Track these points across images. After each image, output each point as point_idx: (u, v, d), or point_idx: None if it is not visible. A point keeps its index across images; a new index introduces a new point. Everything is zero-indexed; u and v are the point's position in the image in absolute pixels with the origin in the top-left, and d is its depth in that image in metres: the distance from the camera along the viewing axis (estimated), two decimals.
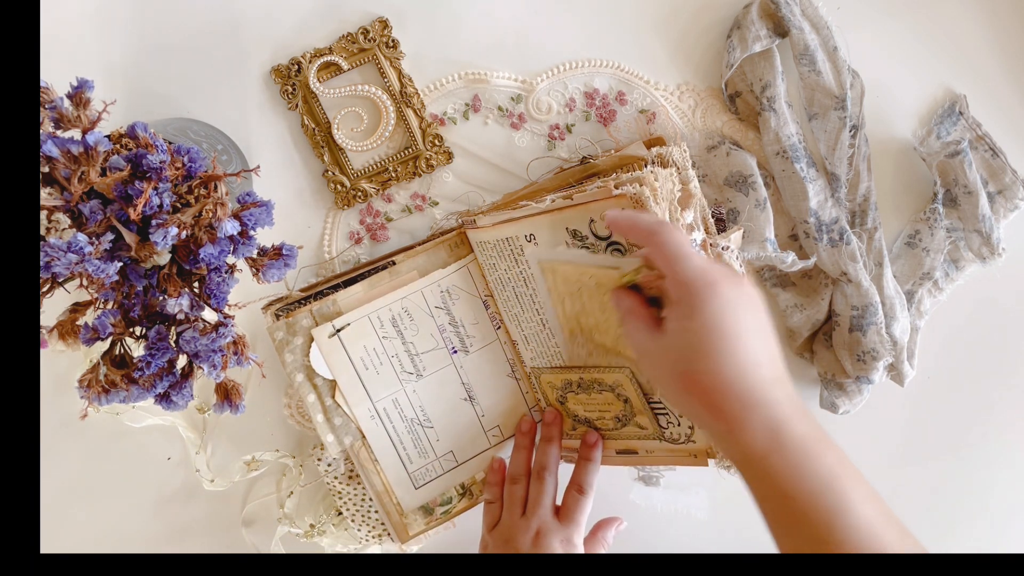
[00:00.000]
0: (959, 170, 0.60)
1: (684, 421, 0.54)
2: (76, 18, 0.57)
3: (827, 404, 0.63)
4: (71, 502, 0.64)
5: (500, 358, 0.61)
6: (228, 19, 0.58)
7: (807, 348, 0.64)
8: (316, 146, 0.59)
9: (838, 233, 0.59)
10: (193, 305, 0.42)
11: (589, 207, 0.51)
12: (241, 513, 0.65)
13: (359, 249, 0.62)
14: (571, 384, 0.58)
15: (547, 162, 0.61)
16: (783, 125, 0.58)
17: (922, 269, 0.62)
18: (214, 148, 0.55)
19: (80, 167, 0.39)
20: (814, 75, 0.58)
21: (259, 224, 0.43)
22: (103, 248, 0.39)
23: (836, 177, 0.59)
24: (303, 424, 0.63)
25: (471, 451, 0.61)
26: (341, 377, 0.57)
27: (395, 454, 0.59)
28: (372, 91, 0.58)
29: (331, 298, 0.56)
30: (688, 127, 0.61)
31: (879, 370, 0.60)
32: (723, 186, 0.60)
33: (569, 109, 0.60)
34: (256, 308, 0.57)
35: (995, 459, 0.68)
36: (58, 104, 0.41)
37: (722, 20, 0.59)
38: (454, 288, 0.59)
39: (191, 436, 0.63)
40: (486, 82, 0.59)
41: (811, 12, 0.57)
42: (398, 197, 0.61)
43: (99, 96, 0.43)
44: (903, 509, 0.69)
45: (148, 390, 0.43)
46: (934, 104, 0.62)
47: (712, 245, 0.55)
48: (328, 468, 0.62)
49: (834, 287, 0.61)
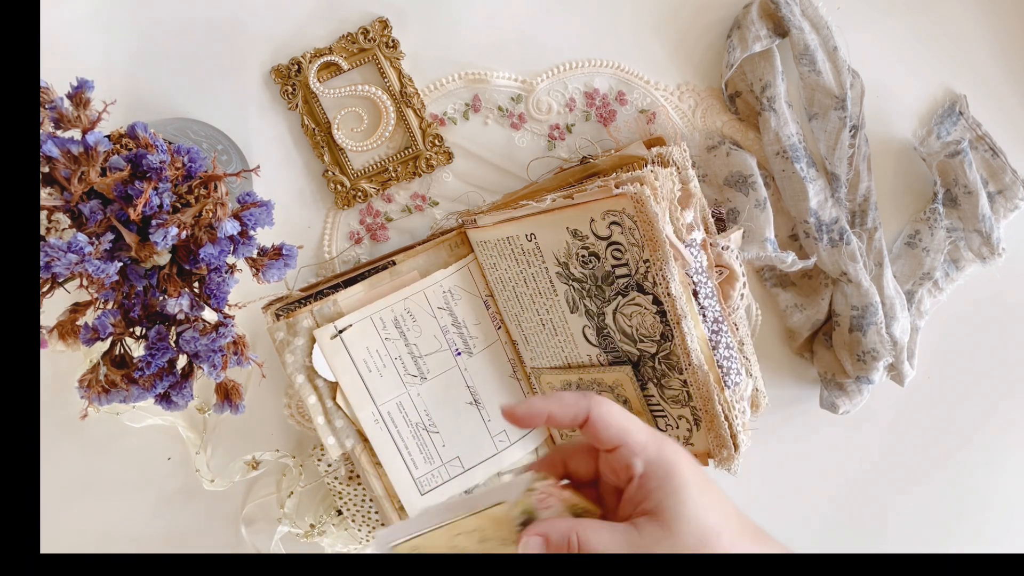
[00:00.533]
0: (959, 170, 0.60)
1: (683, 424, 0.54)
2: (76, 18, 0.57)
3: (827, 404, 0.63)
4: (71, 502, 0.64)
5: (502, 359, 0.61)
6: (228, 19, 0.58)
7: (807, 348, 0.64)
8: (316, 146, 0.59)
9: (838, 233, 0.59)
10: (193, 305, 0.42)
11: (589, 207, 0.51)
12: (241, 513, 0.65)
13: (359, 249, 0.62)
14: (571, 385, 0.58)
15: (547, 162, 0.61)
16: (783, 125, 0.58)
17: (922, 269, 0.62)
18: (214, 148, 0.55)
19: (80, 167, 0.39)
20: (814, 75, 0.58)
21: (259, 224, 0.43)
22: (103, 248, 0.39)
23: (836, 177, 0.59)
24: (303, 424, 0.63)
25: (477, 457, 0.61)
26: (344, 379, 0.57)
27: (400, 459, 0.59)
28: (372, 91, 0.58)
29: (332, 298, 0.56)
30: (688, 127, 0.61)
31: (879, 370, 0.60)
32: (723, 186, 0.60)
33: (569, 109, 0.60)
34: (256, 308, 0.57)
35: (995, 459, 0.68)
36: (58, 104, 0.41)
37: (722, 20, 0.59)
38: (456, 288, 0.59)
39: (191, 436, 0.63)
40: (486, 82, 0.59)
41: (811, 12, 0.57)
42: (398, 197, 0.61)
43: (99, 96, 0.43)
44: (903, 509, 0.69)
45: (148, 390, 0.43)
46: (934, 104, 0.62)
47: (712, 245, 0.55)
48: (328, 469, 0.61)
49: (834, 287, 0.61)
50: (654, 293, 0.51)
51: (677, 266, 0.50)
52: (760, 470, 0.65)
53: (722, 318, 0.54)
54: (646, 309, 0.52)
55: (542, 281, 0.56)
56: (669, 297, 0.50)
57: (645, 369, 0.54)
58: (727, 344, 0.53)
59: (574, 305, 0.55)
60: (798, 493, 0.68)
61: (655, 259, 0.50)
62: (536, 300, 0.57)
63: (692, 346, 0.51)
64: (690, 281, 0.52)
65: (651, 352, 0.53)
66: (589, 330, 0.55)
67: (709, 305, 0.53)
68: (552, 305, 0.56)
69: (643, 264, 0.51)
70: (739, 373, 0.54)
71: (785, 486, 0.68)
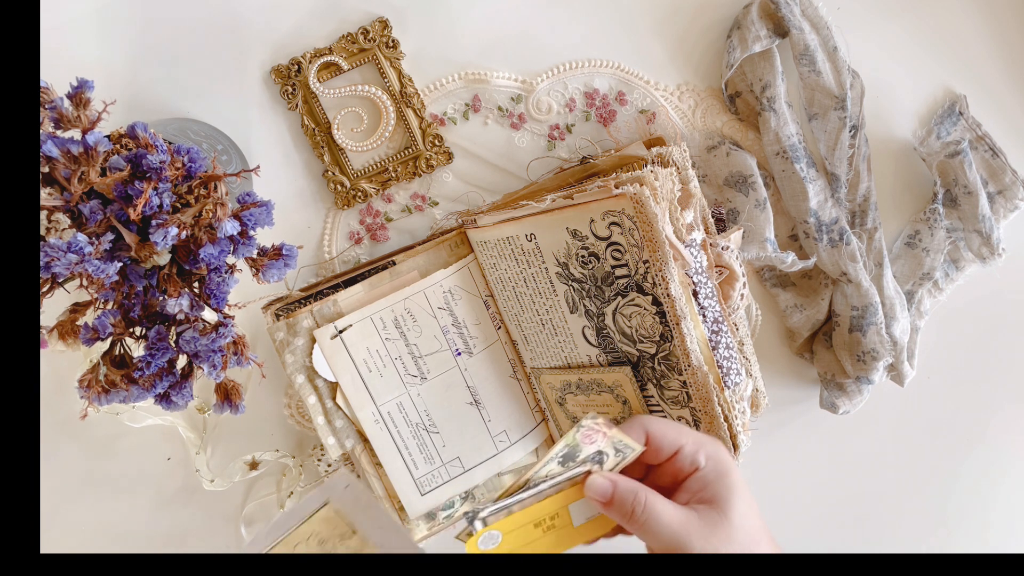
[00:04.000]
0: (959, 170, 0.60)
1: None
2: (76, 18, 0.57)
3: (827, 404, 0.63)
4: (71, 502, 0.64)
5: (502, 359, 0.61)
6: (228, 19, 0.58)
7: (807, 348, 0.64)
8: (316, 146, 0.59)
9: (838, 233, 0.59)
10: (193, 305, 0.42)
11: (589, 207, 0.51)
12: (241, 513, 0.65)
13: (359, 249, 0.62)
14: (570, 385, 0.58)
15: (547, 162, 0.61)
16: (783, 125, 0.58)
17: (922, 269, 0.62)
18: (214, 148, 0.55)
19: (80, 167, 0.39)
20: (814, 75, 0.58)
21: (259, 224, 0.43)
22: (103, 248, 0.39)
23: (836, 177, 0.59)
24: (303, 424, 0.63)
25: (477, 458, 0.61)
26: (344, 379, 0.57)
27: (400, 459, 0.59)
28: (372, 91, 0.58)
29: (332, 298, 0.56)
30: (688, 127, 0.61)
31: (879, 370, 0.60)
32: (723, 186, 0.60)
33: (569, 109, 0.60)
34: (256, 308, 0.57)
35: (996, 459, 0.68)
36: (58, 104, 0.41)
37: (722, 20, 0.59)
38: (456, 288, 0.58)
39: (191, 436, 0.63)
40: (486, 82, 0.59)
41: (811, 12, 0.57)
42: (398, 197, 0.61)
43: (99, 96, 0.43)
44: (903, 509, 0.69)
45: (148, 390, 0.43)
46: (934, 104, 0.62)
47: (712, 245, 0.55)
48: (328, 469, 0.61)
49: (834, 287, 0.61)
50: (654, 294, 0.51)
51: (677, 266, 0.50)
52: (760, 470, 0.65)
53: (722, 318, 0.54)
54: (646, 310, 0.52)
55: (542, 281, 0.56)
56: (669, 298, 0.50)
57: (645, 370, 0.54)
58: (727, 344, 0.53)
59: (574, 305, 0.55)
60: (798, 493, 0.68)
61: (655, 260, 0.50)
62: (536, 300, 0.57)
63: (692, 347, 0.51)
64: (690, 281, 0.52)
65: (651, 353, 0.53)
66: (589, 330, 0.55)
67: (709, 305, 0.53)
68: (552, 305, 0.56)
69: (643, 265, 0.51)
70: (739, 373, 0.54)
71: (785, 486, 0.68)
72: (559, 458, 0.44)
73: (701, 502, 0.43)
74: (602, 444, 0.44)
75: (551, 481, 0.44)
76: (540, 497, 0.44)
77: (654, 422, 0.45)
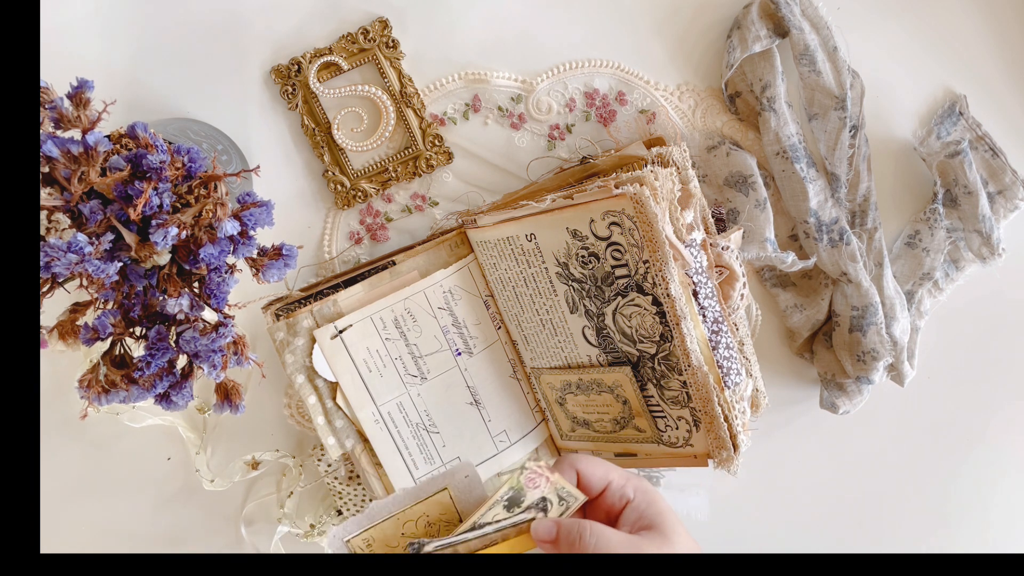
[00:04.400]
0: (959, 170, 0.60)
1: (682, 425, 0.54)
2: (76, 18, 0.57)
3: (827, 404, 0.63)
4: (71, 502, 0.64)
5: (502, 359, 0.61)
6: (228, 19, 0.58)
7: (807, 348, 0.64)
8: (316, 146, 0.59)
9: (838, 233, 0.59)
10: (193, 305, 0.42)
11: (589, 207, 0.51)
12: (241, 513, 0.65)
13: (359, 249, 0.62)
14: (570, 385, 0.58)
15: (547, 162, 0.61)
16: (783, 125, 0.58)
17: (922, 269, 0.62)
18: (214, 148, 0.55)
19: (80, 167, 0.39)
20: (814, 75, 0.58)
21: (259, 224, 0.43)
22: (103, 248, 0.39)
23: (836, 177, 0.59)
24: (303, 424, 0.63)
25: (477, 457, 0.60)
26: (344, 379, 0.57)
27: (400, 459, 0.59)
28: (372, 91, 0.58)
29: (332, 298, 0.56)
30: (688, 127, 0.61)
31: (879, 370, 0.60)
32: (723, 186, 0.60)
33: (569, 109, 0.60)
34: (256, 308, 0.57)
35: (996, 459, 0.68)
36: (58, 104, 0.41)
37: (722, 20, 0.59)
38: (456, 288, 0.58)
39: (191, 436, 0.63)
40: (486, 82, 0.59)
41: (811, 12, 0.57)
42: (398, 197, 0.61)
43: (99, 96, 0.43)
44: (903, 509, 0.69)
45: (148, 390, 0.43)
46: (934, 104, 0.62)
47: (712, 245, 0.55)
48: (328, 469, 0.62)
49: (834, 287, 0.61)
50: (654, 294, 0.51)
51: (677, 266, 0.50)
52: (760, 470, 0.65)
53: (722, 318, 0.54)
54: (646, 310, 0.52)
55: (542, 281, 0.56)
56: (669, 298, 0.50)
57: (645, 370, 0.54)
58: (727, 344, 0.53)
59: (574, 305, 0.55)
60: (798, 493, 0.68)
61: (655, 260, 0.50)
62: (536, 300, 0.57)
63: (692, 347, 0.51)
64: (690, 281, 0.52)
65: (651, 353, 0.53)
66: (589, 330, 0.55)
67: (709, 305, 0.53)
68: (552, 305, 0.56)
69: (643, 265, 0.51)
70: (739, 373, 0.54)
71: (785, 486, 0.68)
72: (504, 501, 0.44)
73: (641, 529, 0.45)
74: (546, 490, 0.45)
75: (496, 525, 0.45)
76: (485, 541, 0.45)
77: (582, 460, 0.47)
